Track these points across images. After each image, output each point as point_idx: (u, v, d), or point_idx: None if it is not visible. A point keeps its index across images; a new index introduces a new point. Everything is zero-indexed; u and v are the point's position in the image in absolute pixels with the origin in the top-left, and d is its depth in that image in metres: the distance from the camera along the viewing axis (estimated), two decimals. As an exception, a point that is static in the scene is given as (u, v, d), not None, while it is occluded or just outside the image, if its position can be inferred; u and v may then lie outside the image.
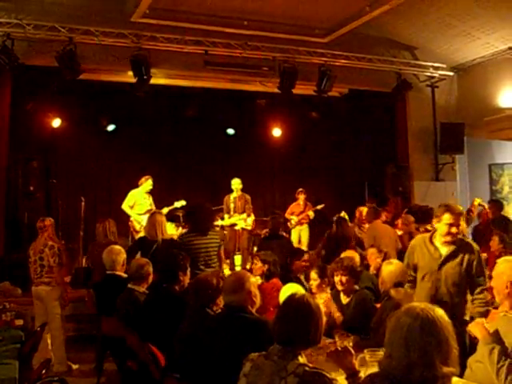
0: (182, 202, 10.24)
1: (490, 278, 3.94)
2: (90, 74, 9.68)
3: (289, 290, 4.67)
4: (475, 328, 3.43)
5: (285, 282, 5.64)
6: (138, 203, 9.84)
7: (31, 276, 6.82)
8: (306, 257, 6.87)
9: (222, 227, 10.60)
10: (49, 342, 6.61)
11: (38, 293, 6.71)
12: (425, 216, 8.58)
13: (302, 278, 6.44)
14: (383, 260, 6.46)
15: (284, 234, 9.67)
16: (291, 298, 2.92)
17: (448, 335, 2.23)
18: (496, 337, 3.27)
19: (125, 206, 9.79)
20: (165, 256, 5.38)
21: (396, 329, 2.27)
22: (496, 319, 3.55)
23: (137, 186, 9.93)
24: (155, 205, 9.98)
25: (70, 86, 9.56)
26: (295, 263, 6.68)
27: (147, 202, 9.90)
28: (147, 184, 9.85)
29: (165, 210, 9.64)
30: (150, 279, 5.39)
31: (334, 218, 8.81)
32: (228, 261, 9.92)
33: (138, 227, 9.65)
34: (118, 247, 6.21)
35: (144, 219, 9.62)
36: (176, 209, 10.33)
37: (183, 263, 5.06)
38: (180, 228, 10.48)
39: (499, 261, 3.73)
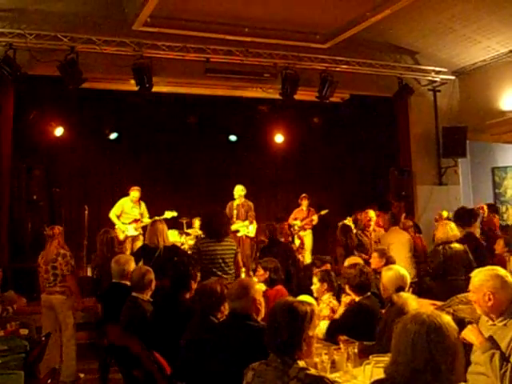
0: (174, 213, 10.21)
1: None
2: (92, 82, 9.71)
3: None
4: (470, 334, 3.31)
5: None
6: (125, 212, 9.89)
7: (41, 285, 6.81)
8: (328, 266, 6.75)
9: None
10: (58, 351, 6.60)
11: (49, 301, 6.68)
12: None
13: None
14: (385, 264, 6.38)
15: (282, 239, 9.66)
16: (276, 307, 2.89)
17: (455, 342, 2.22)
18: (493, 342, 3.21)
19: (112, 215, 9.87)
20: (176, 264, 5.37)
21: (402, 335, 2.27)
22: (484, 329, 3.41)
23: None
24: (156, 212, 9.99)
25: (73, 95, 9.59)
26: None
27: (135, 212, 9.94)
28: (132, 195, 9.91)
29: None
30: (152, 286, 5.39)
31: (339, 227, 8.82)
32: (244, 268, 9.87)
33: (121, 236, 9.64)
34: (127, 256, 6.17)
35: (128, 229, 9.73)
36: (173, 217, 10.27)
37: (194, 272, 5.09)
38: (183, 235, 10.49)
39: (474, 273, 3.54)
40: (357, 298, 4.83)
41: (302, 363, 2.68)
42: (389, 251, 7.25)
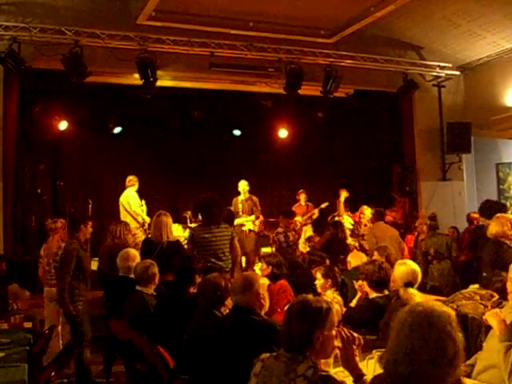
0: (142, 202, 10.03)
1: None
2: (97, 76, 9.69)
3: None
4: (492, 318, 3.26)
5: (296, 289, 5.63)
6: (139, 203, 9.81)
7: (43, 277, 6.83)
8: (327, 261, 6.71)
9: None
10: (60, 343, 6.62)
11: (51, 294, 6.70)
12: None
13: None
14: (386, 261, 6.36)
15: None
16: (294, 303, 2.87)
17: (452, 334, 2.13)
18: None
19: (137, 208, 9.64)
20: (181, 258, 5.38)
21: (396, 327, 2.22)
22: (509, 317, 3.35)
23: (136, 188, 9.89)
24: (159, 207, 9.93)
25: (77, 89, 9.59)
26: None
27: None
28: (137, 185, 9.79)
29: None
30: (156, 280, 5.39)
31: (330, 221, 8.91)
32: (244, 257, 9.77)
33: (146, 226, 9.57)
34: (133, 253, 6.12)
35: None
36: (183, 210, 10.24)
37: (198, 266, 5.12)
38: (187, 230, 10.48)
39: None
40: (372, 295, 4.82)
41: (312, 362, 2.62)
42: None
